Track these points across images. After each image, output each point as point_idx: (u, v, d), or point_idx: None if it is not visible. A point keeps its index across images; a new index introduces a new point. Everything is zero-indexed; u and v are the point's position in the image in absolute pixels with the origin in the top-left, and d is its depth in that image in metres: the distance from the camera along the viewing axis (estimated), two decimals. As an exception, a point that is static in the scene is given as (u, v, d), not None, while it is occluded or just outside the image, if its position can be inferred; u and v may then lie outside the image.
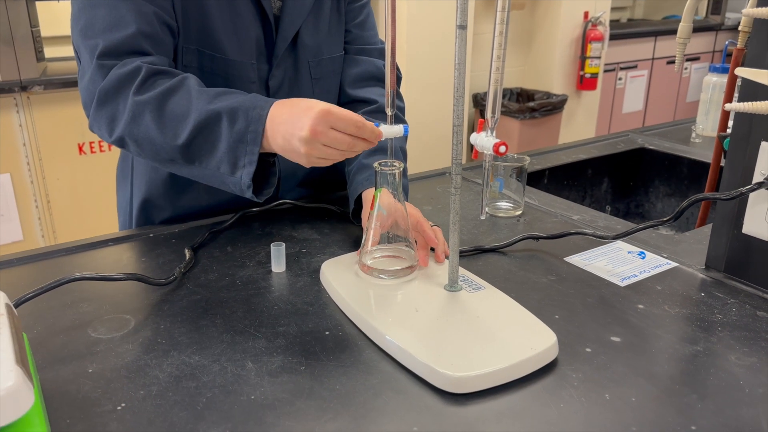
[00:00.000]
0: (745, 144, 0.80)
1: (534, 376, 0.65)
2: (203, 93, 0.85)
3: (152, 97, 0.84)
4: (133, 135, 0.86)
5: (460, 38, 0.66)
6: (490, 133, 0.64)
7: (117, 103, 0.86)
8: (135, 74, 0.86)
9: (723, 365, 0.67)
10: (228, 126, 0.82)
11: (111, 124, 0.87)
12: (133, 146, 0.88)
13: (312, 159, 0.78)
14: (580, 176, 1.44)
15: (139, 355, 0.68)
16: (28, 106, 2.36)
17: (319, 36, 1.05)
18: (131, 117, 0.85)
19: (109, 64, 0.86)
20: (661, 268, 0.88)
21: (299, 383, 0.64)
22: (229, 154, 0.83)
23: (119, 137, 0.87)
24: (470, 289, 0.78)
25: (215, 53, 0.95)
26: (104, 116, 0.87)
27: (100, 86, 0.86)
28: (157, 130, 0.84)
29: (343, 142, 0.76)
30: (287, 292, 0.82)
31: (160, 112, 0.84)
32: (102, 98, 0.86)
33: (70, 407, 0.60)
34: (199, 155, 0.85)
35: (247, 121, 0.82)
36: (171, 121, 0.84)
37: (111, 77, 0.86)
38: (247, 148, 0.82)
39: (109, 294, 0.81)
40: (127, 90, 0.85)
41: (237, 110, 0.82)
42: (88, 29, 0.87)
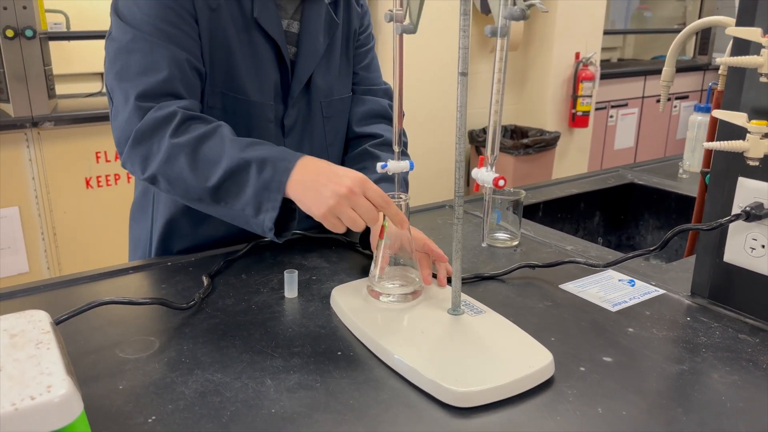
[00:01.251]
0: (724, 179, 0.87)
1: (532, 392, 0.70)
2: (236, 142, 0.92)
3: (188, 140, 0.91)
4: (167, 174, 0.92)
5: (461, 84, 0.73)
6: (490, 168, 0.70)
7: (152, 144, 0.92)
8: (171, 118, 0.92)
9: (707, 382, 0.72)
10: (256, 174, 0.88)
11: (144, 163, 0.93)
12: (165, 184, 0.94)
13: (331, 214, 0.84)
14: (573, 210, 1.51)
15: (165, 373, 0.74)
16: (38, 141, 2.43)
17: (330, 78, 1.13)
18: (166, 158, 0.91)
19: (146, 106, 0.93)
20: (649, 295, 0.94)
21: (315, 398, 0.69)
22: (254, 199, 0.89)
23: (152, 175, 0.93)
24: (472, 313, 0.83)
25: (238, 95, 1.03)
26: (138, 155, 0.93)
27: (137, 127, 0.92)
28: (189, 171, 0.90)
29: (369, 210, 0.83)
30: (300, 316, 0.87)
31: (194, 155, 0.90)
32: (138, 138, 0.92)
33: (106, 420, 0.65)
34: (226, 197, 0.91)
35: (274, 171, 0.88)
36: (203, 165, 0.90)
37: (148, 119, 0.92)
38: (271, 195, 0.88)
39: (133, 318, 0.87)
40: (163, 132, 0.91)
41: (266, 161, 0.89)
42: (123, 72, 0.94)
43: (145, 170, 0.94)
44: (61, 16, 2.93)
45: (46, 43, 2.41)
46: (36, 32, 2.28)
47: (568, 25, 3.49)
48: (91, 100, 2.72)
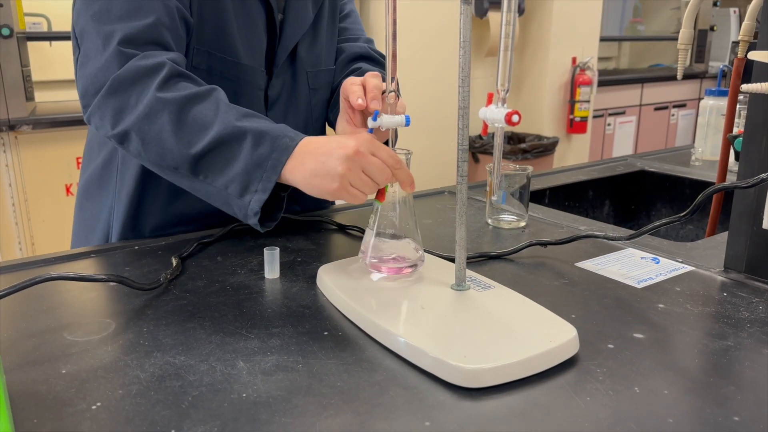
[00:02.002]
0: (761, 134, 0.76)
1: (553, 371, 0.59)
2: (232, 108, 0.81)
3: (176, 97, 0.79)
4: (143, 132, 0.80)
5: (465, 13, 0.63)
6: (501, 104, 0.60)
7: (130, 95, 0.80)
8: (157, 69, 0.81)
9: (758, 359, 0.61)
10: (251, 147, 0.78)
11: (118, 116, 0.81)
12: (137, 144, 0.81)
13: (346, 182, 0.74)
14: (581, 198, 1.40)
15: (118, 356, 0.62)
16: (16, 146, 2.32)
17: (316, 49, 1.04)
18: (147, 112, 0.79)
19: (129, 52, 0.81)
20: (677, 272, 0.84)
21: (296, 381, 0.57)
22: (242, 176, 0.78)
23: (124, 131, 0.81)
24: (479, 288, 0.72)
25: (227, 56, 0.92)
26: (112, 106, 0.81)
27: (116, 74, 0.80)
28: (171, 132, 0.79)
29: (382, 170, 0.73)
30: (281, 297, 0.76)
31: (180, 115, 0.79)
32: (115, 87, 0.80)
33: (39, 407, 0.54)
34: (208, 169, 0.79)
35: (272, 147, 0.77)
36: (190, 127, 0.79)
37: (129, 67, 0.80)
38: (264, 174, 0.77)
39: (88, 299, 0.75)
40: (146, 83, 0.80)
41: (265, 134, 0.78)
42: (103, 13, 0.83)
43: (116, 124, 0.81)
44: (42, 19, 2.84)
45: (25, 43, 2.32)
46: (13, 31, 2.19)
47: (564, 29, 3.43)
48: (71, 103, 2.61)
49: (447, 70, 3.00)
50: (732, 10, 4.84)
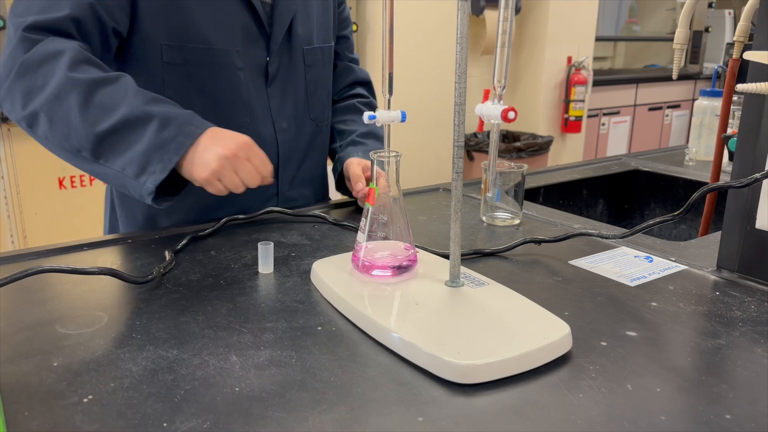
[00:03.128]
0: (756, 134, 0.77)
1: (547, 367, 0.59)
2: (141, 93, 0.85)
3: (86, 78, 0.82)
4: (51, 112, 0.82)
5: (462, 10, 0.63)
6: (497, 101, 0.60)
7: (36, 77, 0.83)
8: (63, 52, 0.83)
9: (750, 357, 0.62)
10: (156, 131, 0.81)
11: (27, 97, 0.83)
12: (45, 125, 0.83)
13: (214, 177, 0.82)
14: (575, 196, 1.40)
15: (110, 349, 0.62)
16: (8, 139, 2.31)
17: (309, 25, 1.08)
18: (56, 93, 0.82)
19: (33, 38, 0.84)
20: (670, 270, 0.84)
21: (289, 375, 0.57)
22: (141, 158, 0.81)
23: (33, 112, 0.83)
24: (473, 285, 0.72)
25: (198, 45, 0.95)
26: (21, 89, 0.83)
27: (23, 58, 0.83)
28: (78, 112, 0.81)
29: (252, 175, 0.84)
30: (275, 291, 0.76)
31: (89, 96, 0.81)
32: (22, 71, 0.83)
33: (30, 400, 0.53)
34: (109, 152, 0.82)
35: (177, 131, 0.82)
36: (97, 108, 0.81)
37: (36, 50, 0.83)
38: (165, 156, 0.81)
39: (80, 292, 0.75)
40: (53, 65, 0.82)
41: (171, 119, 0.83)
42: (24, 11, 0.86)
43: (26, 105, 0.83)
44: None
45: (18, 35, 2.30)
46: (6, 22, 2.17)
47: (559, 29, 3.43)
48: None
49: (443, 68, 3.00)
50: (727, 12, 4.86)
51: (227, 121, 0.96)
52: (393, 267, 0.75)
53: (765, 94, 0.72)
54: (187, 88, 0.97)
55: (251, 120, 1.02)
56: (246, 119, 1.02)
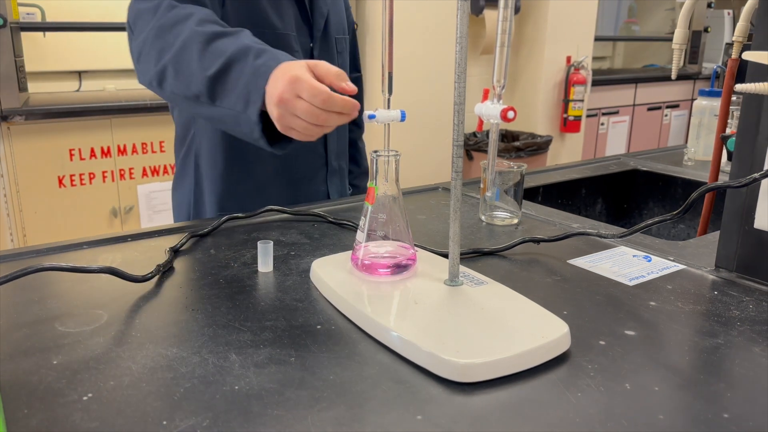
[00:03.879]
0: (754, 134, 0.77)
1: (545, 366, 0.59)
2: (249, 37, 0.89)
3: (207, 31, 0.88)
4: (177, 64, 0.89)
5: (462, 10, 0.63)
6: (497, 100, 0.60)
7: (169, 37, 0.90)
8: (191, 14, 0.91)
9: (748, 356, 0.62)
10: (252, 59, 0.83)
11: (160, 54, 0.91)
12: (171, 77, 0.90)
13: (284, 127, 0.79)
14: (574, 196, 1.41)
15: (110, 347, 0.62)
16: (8, 137, 2.30)
17: (339, 15, 1.23)
18: (182, 46, 0.88)
19: (176, 4, 0.94)
20: (669, 270, 0.84)
21: (288, 374, 0.57)
22: (244, 89, 0.83)
23: (162, 67, 0.90)
24: (472, 284, 0.72)
25: (265, 29, 1.06)
26: (155, 48, 0.91)
27: (160, 22, 0.91)
28: (197, 60, 0.86)
29: (309, 113, 0.76)
30: (275, 290, 0.76)
31: (206, 46, 0.87)
32: (158, 32, 0.91)
33: (30, 398, 0.53)
34: (221, 92, 0.86)
35: (267, 57, 0.83)
36: (211, 54, 0.86)
37: (170, 15, 0.92)
38: (258, 81, 0.81)
39: (80, 290, 0.75)
40: (184, 24, 0.90)
41: (265, 50, 0.85)
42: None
43: (158, 62, 0.91)
44: (37, 10, 2.82)
45: (18, 33, 2.30)
46: (7, 21, 2.17)
47: (559, 28, 3.43)
48: (64, 94, 2.60)
49: (442, 67, 3.00)
50: (726, 12, 4.86)
51: None
52: (392, 266, 0.75)
53: (764, 94, 0.72)
54: None
55: None
56: None
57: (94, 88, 3.11)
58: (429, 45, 2.96)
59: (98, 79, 3.13)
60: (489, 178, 0.74)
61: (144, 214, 2.62)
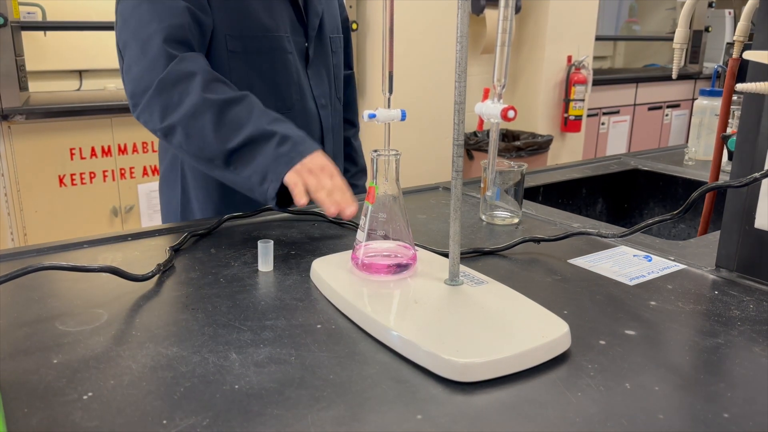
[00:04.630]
0: (755, 134, 0.77)
1: (545, 366, 0.59)
2: (264, 113, 0.96)
3: (218, 99, 0.94)
4: (188, 128, 0.94)
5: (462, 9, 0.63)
6: (497, 100, 0.60)
7: (173, 95, 0.94)
8: (194, 75, 0.95)
9: (749, 356, 0.62)
10: (275, 147, 0.92)
11: (165, 112, 0.95)
12: (181, 137, 0.95)
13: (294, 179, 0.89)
14: (574, 196, 1.40)
15: (110, 346, 0.62)
16: (9, 136, 2.30)
17: (333, 14, 1.24)
18: (192, 111, 0.93)
19: (171, 54, 0.96)
20: (669, 270, 0.84)
21: (288, 373, 0.58)
22: (263, 169, 0.91)
23: (170, 126, 0.95)
24: (472, 284, 0.72)
25: (257, 33, 1.08)
26: (159, 104, 0.95)
27: (161, 77, 0.95)
28: (213, 130, 0.92)
29: (321, 181, 0.89)
30: (275, 289, 0.76)
31: (221, 115, 0.93)
32: (161, 88, 0.95)
33: (30, 397, 0.53)
34: (238, 162, 0.93)
35: (291, 148, 0.92)
36: (228, 126, 0.93)
37: (171, 71, 0.95)
38: (279, 168, 0.90)
39: (80, 289, 0.75)
40: (187, 85, 0.94)
41: (289, 138, 0.93)
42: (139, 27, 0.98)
43: (164, 119, 0.95)
44: (37, 9, 2.82)
45: (19, 32, 2.30)
46: (7, 20, 2.17)
47: (559, 28, 3.43)
48: (65, 93, 2.60)
49: (443, 66, 3.00)
50: (727, 12, 4.85)
51: (284, 100, 1.12)
52: (392, 265, 0.75)
53: (764, 94, 0.72)
54: (249, 73, 1.09)
55: (300, 98, 1.16)
56: (297, 97, 1.16)
57: (95, 87, 3.11)
58: (429, 44, 2.96)
59: (99, 79, 3.13)
60: (489, 177, 0.75)
61: (144, 214, 2.62)
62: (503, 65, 0.60)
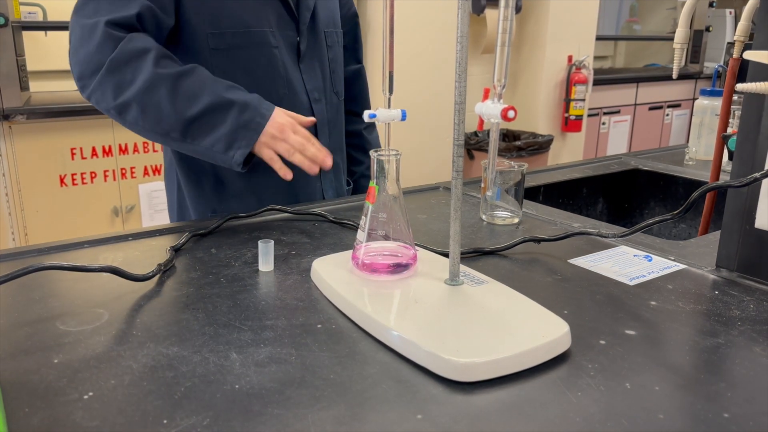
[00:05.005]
0: (755, 134, 0.77)
1: (545, 366, 0.59)
2: (217, 81, 1.00)
3: (170, 73, 0.97)
4: (143, 103, 0.96)
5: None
6: (498, 100, 0.60)
7: (126, 72, 0.96)
8: (147, 50, 0.97)
9: (749, 356, 0.62)
10: (236, 115, 0.97)
11: (117, 90, 0.96)
12: (136, 113, 0.97)
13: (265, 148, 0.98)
14: (575, 195, 1.41)
15: (111, 346, 0.62)
16: (10, 136, 2.31)
17: (329, 9, 1.24)
18: (146, 86, 0.95)
19: (117, 35, 0.97)
20: (669, 269, 0.84)
21: (289, 373, 0.58)
22: (228, 137, 0.97)
23: (125, 102, 0.97)
24: (472, 283, 0.72)
25: (239, 29, 1.09)
26: (112, 83, 0.96)
27: (111, 57, 0.96)
28: (168, 102, 0.96)
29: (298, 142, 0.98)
30: (275, 289, 0.76)
31: (175, 87, 0.96)
32: (111, 67, 0.96)
33: (31, 397, 0.54)
34: (197, 132, 0.97)
35: (255, 113, 0.98)
36: (184, 96, 0.96)
37: (123, 49, 0.96)
38: (248, 134, 0.97)
39: (81, 289, 0.75)
40: (140, 62, 0.96)
41: (248, 104, 0.98)
42: (93, 12, 0.99)
43: (117, 97, 0.96)
44: (38, 9, 2.82)
45: (20, 32, 2.31)
46: (8, 20, 2.17)
47: (560, 27, 3.43)
48: (66, 93, 2.60)
49: (443, 66, 3.00)
50: (728, 11, 4.85)
51: (269, 93, 1.11)
52: (393, 265, 0.75)
53: (765, 94, 0.72)
54: (233, 68, 1.10)
55: (289, 91, 1.17)
56: (285, 91, 1.16)
57: (96, 87, 3.11)
58: (430, 44, 2.96)
59: (99, 79, 3.13)
60: (490, 177, 0.75)
61: (145, 214, 2.62)
62: (503, 65, 0.60)
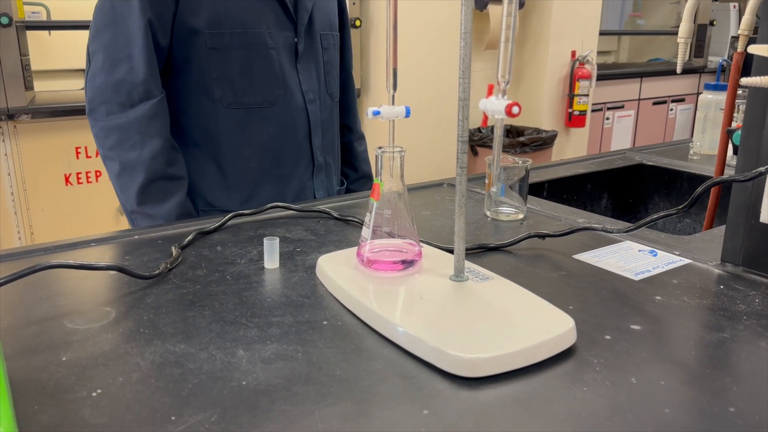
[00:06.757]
0: (760, 128, 0.77)
1: (551, 361, 0.60)
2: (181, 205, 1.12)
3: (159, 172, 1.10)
4: (120, 174, 1.10)
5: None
6: (501, 96, 0.60)
7: (127, 141, 1.08)
8: (154, 138, 1.09)
9: (755, 351, 0.62)
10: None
11: (114, 147, 1.09)
12: (112, 171, 1.11)
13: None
14: (579, 191, 1.40)
15: (118, 344, 0.62)
16: (15, 135, 2.31)
17: (325, 11, 1.26)
18: (130, 166, 1.09)
19: (137, 92, 1.07)
20: (674, 264, 0.84)
21: (295, 369, 0.58)
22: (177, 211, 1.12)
23: (108, 157, 1.10)
24: (477, 279, 0.73)
25: (236, 30, 1.12)
26: (112, 137, 1.08)
27: (120, 124, 1.08)
28: (136, 191, 1.11)
29: None
30: (281, 286, 0.76)
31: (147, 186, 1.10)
32: (116, 132, 1.09)
33: (40, 394, 0.54)
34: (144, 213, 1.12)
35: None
36: (151, 196, 1.11)
37: (138, 121, 1.07)
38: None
39: (87, 288, 0.75)
40: (144, 141, 1.08)
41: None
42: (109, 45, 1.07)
43: (110, 149, 1.09)
44: (42, 9, 2.83)
45: (24, 32, 2.31)
46: (12, 20, 2.18)
47: (563, 23, 3.42)
48: (70, 93, 2.61)
49: (446, 63, 3.00)
50: (732, 5, 4.83)
51: (265, 94, 1.15)
52: (397, 262, 0.75)
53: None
54: (229, 68, 1.13)
55: (284, 92, 1.19)
56: (280, 91, 1.18)
57: (100, 86, 3.12)
58: (433, 41, 2.95)
59: (103, 77, 3.13)
60: (494, 173, 0.75)
61: (150, 212, 2.63)
62: (507, 61, 0.60)
